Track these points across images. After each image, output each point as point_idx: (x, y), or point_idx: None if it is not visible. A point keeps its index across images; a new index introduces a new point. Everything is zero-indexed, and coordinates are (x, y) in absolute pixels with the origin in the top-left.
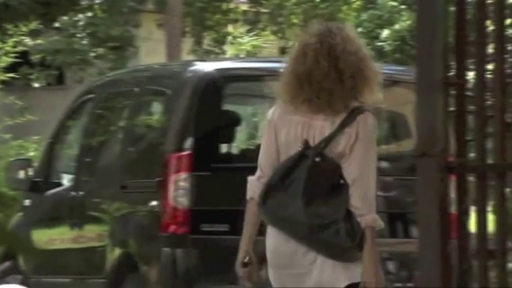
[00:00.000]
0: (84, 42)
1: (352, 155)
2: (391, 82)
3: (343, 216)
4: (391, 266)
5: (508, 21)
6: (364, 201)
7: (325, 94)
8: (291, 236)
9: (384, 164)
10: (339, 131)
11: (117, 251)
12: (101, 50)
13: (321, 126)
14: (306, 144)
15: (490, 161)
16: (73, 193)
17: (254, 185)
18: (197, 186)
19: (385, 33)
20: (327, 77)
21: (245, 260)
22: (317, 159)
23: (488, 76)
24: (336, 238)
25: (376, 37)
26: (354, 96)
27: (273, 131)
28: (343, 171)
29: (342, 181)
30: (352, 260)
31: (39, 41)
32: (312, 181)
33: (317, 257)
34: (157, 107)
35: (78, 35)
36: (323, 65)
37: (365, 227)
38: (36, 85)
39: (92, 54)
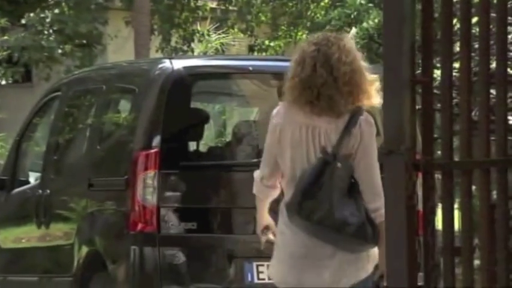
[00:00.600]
0: (51, 39)
1: (358, 154)
2: None
3: (366, 216)
4: None
5: (474, 19)
6: (375, 197)
7: (325, 98)
8: (322, 240)
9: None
10: (346, 133)
11: (85, 250)
12: (68, 47)
13: (325, 129)
14: (324, 150)
15: (456, 158)
16: (40, 191)
17: (258, 185)
18: (165, 184)
19: (353, 31)
20: (325, 84)
21: (265, 229)
22: (338, 165)
23: (455, 74)
24: (363, 238)
25: None
26: (352, 101)
27: (277, 133)
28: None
29: (353, 180)
30: (366, 255)
31: (5, 38)
32: (335, 186)
33: (336, 252)
34: (125, 105)
35: (45, 32)
36: (320, 72)
37: (379, 222)
38: (2, 82)
39: (59, 51)
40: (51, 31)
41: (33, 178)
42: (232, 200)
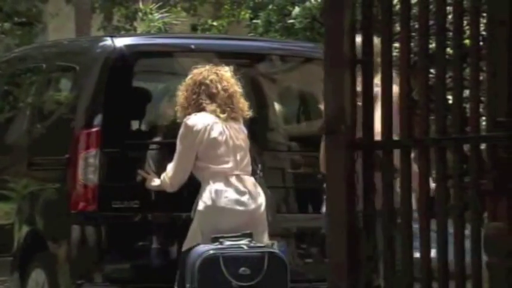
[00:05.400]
0: None
1: None
2: (303, 59)
3: None
4: (301, 241)
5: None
6: None
7: None
8: None
9: (296, 143)
10: None
11: (25, 229)
12: (7, 25)
13: None
14: None
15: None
16: None
17: None
18: (107, 163)
19: (296, 10)
20: None
21: None
22: None
23: (395, 54)
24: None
25: (288, 14)
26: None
27: None
28: None
29: None
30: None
31: None
32: None
33: None
34: (66, 84)
35: None
36: None
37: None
38: None
39: None
40: None
41: None
42: None
